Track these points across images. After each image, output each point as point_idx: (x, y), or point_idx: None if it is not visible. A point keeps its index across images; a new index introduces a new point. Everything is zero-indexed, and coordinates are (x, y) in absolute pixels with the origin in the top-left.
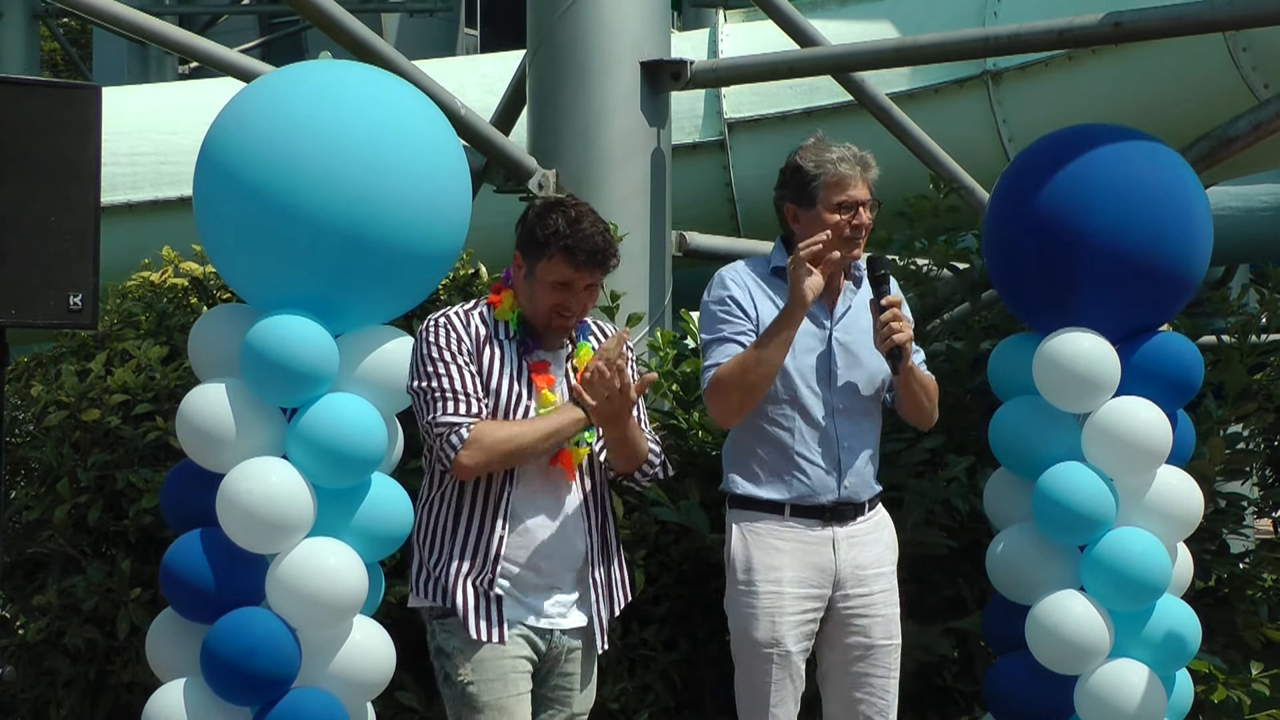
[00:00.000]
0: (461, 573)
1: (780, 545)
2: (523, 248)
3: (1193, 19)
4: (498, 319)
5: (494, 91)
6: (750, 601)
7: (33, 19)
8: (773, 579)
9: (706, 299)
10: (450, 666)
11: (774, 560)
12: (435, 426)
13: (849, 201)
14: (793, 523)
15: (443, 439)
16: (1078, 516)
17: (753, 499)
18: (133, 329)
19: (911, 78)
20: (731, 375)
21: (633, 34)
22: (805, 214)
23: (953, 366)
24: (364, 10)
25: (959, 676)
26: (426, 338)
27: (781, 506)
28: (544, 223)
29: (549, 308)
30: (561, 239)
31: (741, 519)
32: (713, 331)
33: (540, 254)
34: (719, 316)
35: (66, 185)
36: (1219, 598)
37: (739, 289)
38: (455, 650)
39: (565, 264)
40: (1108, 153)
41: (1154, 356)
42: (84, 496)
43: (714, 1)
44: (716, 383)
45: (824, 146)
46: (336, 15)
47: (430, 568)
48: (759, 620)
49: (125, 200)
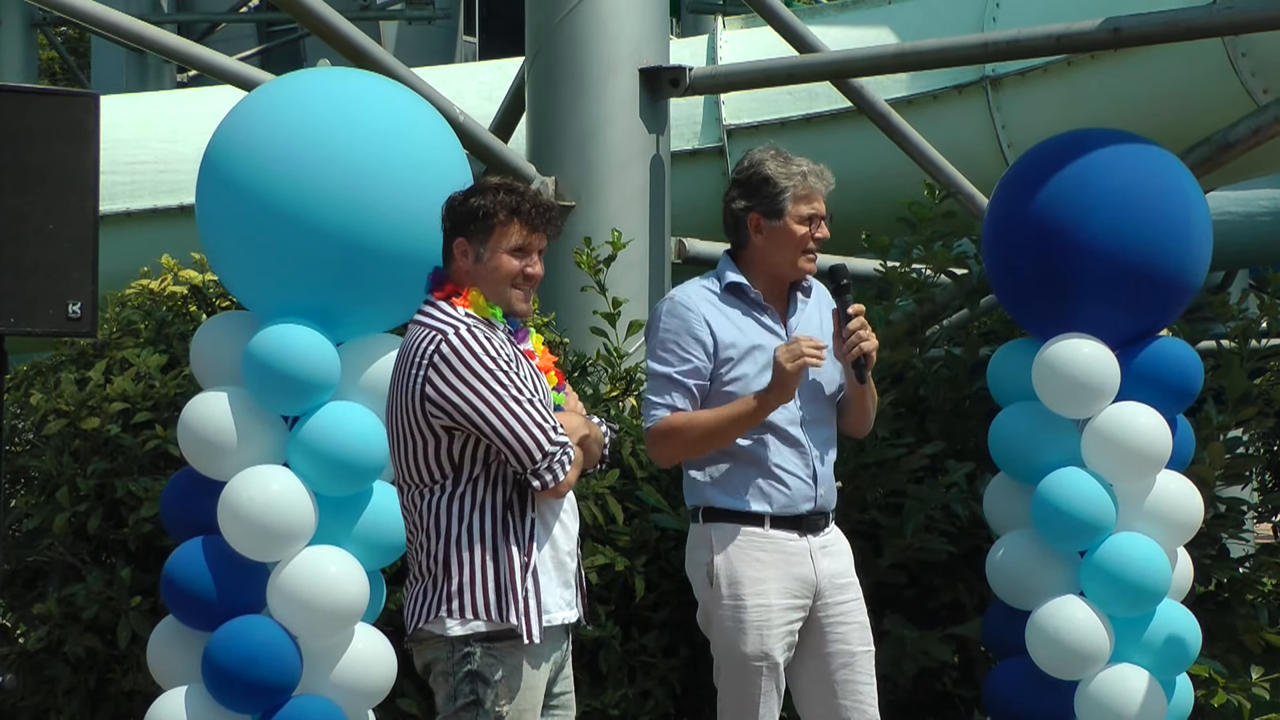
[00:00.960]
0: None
1: (763, 558)
2: (464, 232)
3: (1191, 24)
4: (484, 317)
5: (493, 99)
6: (738, 616)
7: (31, 27)
8: (759, 591)
9: (660, 323)
10: (489, 695)
11: (759, 573)
12: (548, 445)
13: (815, 214)
14: (773, 534)
15: (553, 458)
16: (1077, 522)
17: (732, 512)
18: (132, 337)
19: (910, 83)
20: (685, 434)
21: (631, 41)
22: (771, 225)
23: (951, 372)
24: (363, 18)
25: (959, 682)
26: (474, 349)
27: (762, 519)
28: (484, 199)
29: (511, 281)
30: (509, 205)
31: (720, 533)
32: (662, 363)
33: (490, 229)
34: (671, 350)
35: (65, 193)
36: (1219, 602)
37: (694, 316)
38: (498, 679)
39: (521, 227)
40: (1106, 157)
41: (1153, 362)
42: (84, 505)
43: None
44: (667, 432)
45: (789, 158)
46: (335, 23)
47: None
48: (747, 634)
49: (124, 209)
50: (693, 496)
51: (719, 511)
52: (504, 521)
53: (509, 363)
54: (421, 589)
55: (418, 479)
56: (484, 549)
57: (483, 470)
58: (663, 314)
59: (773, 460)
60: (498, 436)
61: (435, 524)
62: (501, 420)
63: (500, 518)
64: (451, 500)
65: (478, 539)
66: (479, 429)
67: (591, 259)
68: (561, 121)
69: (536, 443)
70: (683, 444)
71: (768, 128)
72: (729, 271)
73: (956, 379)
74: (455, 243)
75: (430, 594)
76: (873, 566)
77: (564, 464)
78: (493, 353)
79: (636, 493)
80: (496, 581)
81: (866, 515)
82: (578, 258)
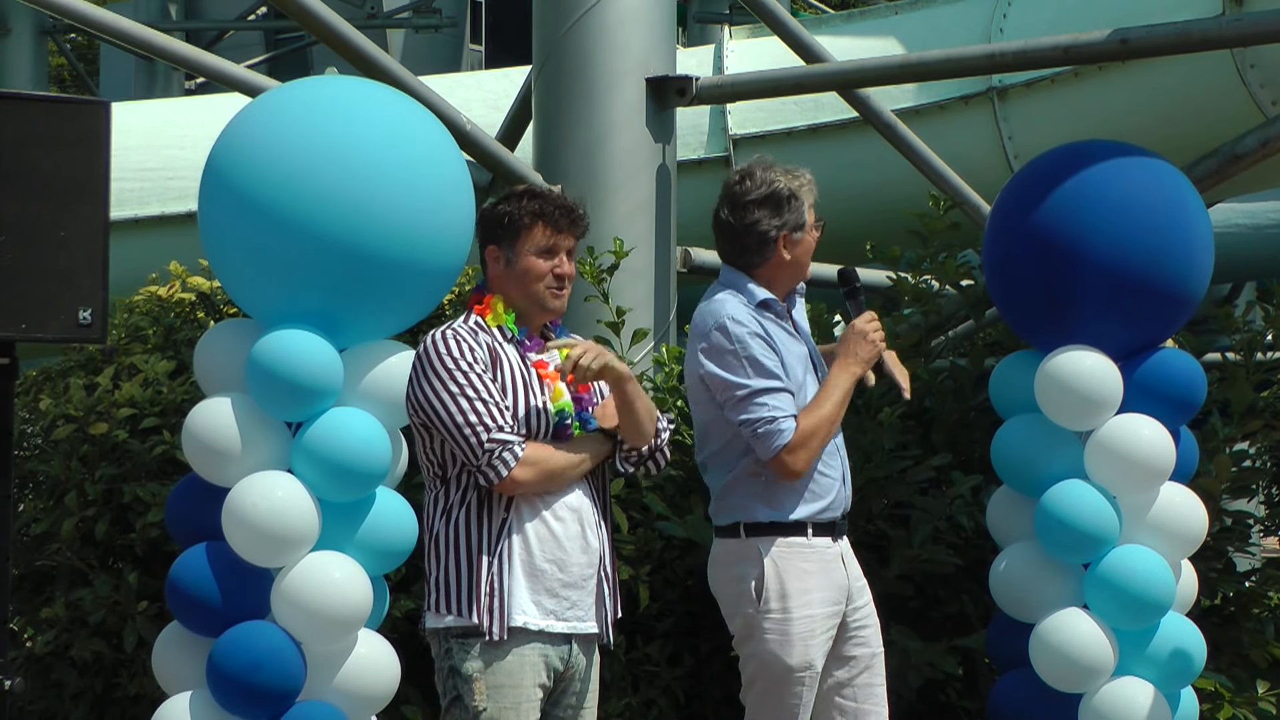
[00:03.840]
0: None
1: (808, 568)
2: (494, 239)
3: (1200, 36)
4: (492, 325)
5: (499, 108)
6: (784, 628)
7: (40, 35)
8: (805, 603)
9: (732, 342)
10: (466, 691)
11: (805, 584)
12: (486, 442)
13: (818, 221)
14: (815, 542)
15: (493, 455)
16: (1081, 534)
17: (777, 524)
18: (140, 343)
19: (917, 94)
20: (823, 428)
21: (638, 50)
22: (795, 239)
23: (957, 384)
24: (370, 26)
25: (963, 694)
26: (440, 350)
27: (804, 527)
28: (509, 205)
29: (541, 280)
30: (532, 209)
31: (767, 546)
32: (767, 376)
33: (516, 234)
34: (760, 359)
35: (75, 200)
36: (1225, 616)
37: (762, 331)
38: (474, 674)
39: (545, 228)
40: (1107, 169)
41: (1156, 373)
42: (91, 510)
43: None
44: (806, 439)
45: (788, 170)
46: (342, 31)
47: (448, 581)
48: (793, 645)
49: (133, 215)
50: (732, 513)
51: (764, 525)
52: (477, 519)
53: (474, 365)
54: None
55: (425, 475)
56: (454, 545)
57: (462, 468)
58: (733, 333)
59: (818, 466)
60: (447, 432)
61: (428, 521)
62: (450, 416)
63: (474, 517)
64: (438, 498)
65: (450, 535)
66: (436, 425)
67: (594, 268)
68: (568, 130)
69: (478, 439)
70: (819, 443)
71: (774, 138)
72: (751, 286)
73: (962, 390)
74: (486, 250)
75: (427, 588)
76: (879, 577)
77: (505, 461)
78: (456, 353)
79: (642, 501)
80: (458, 576)
81: (873, 526)
82: (580, 267)
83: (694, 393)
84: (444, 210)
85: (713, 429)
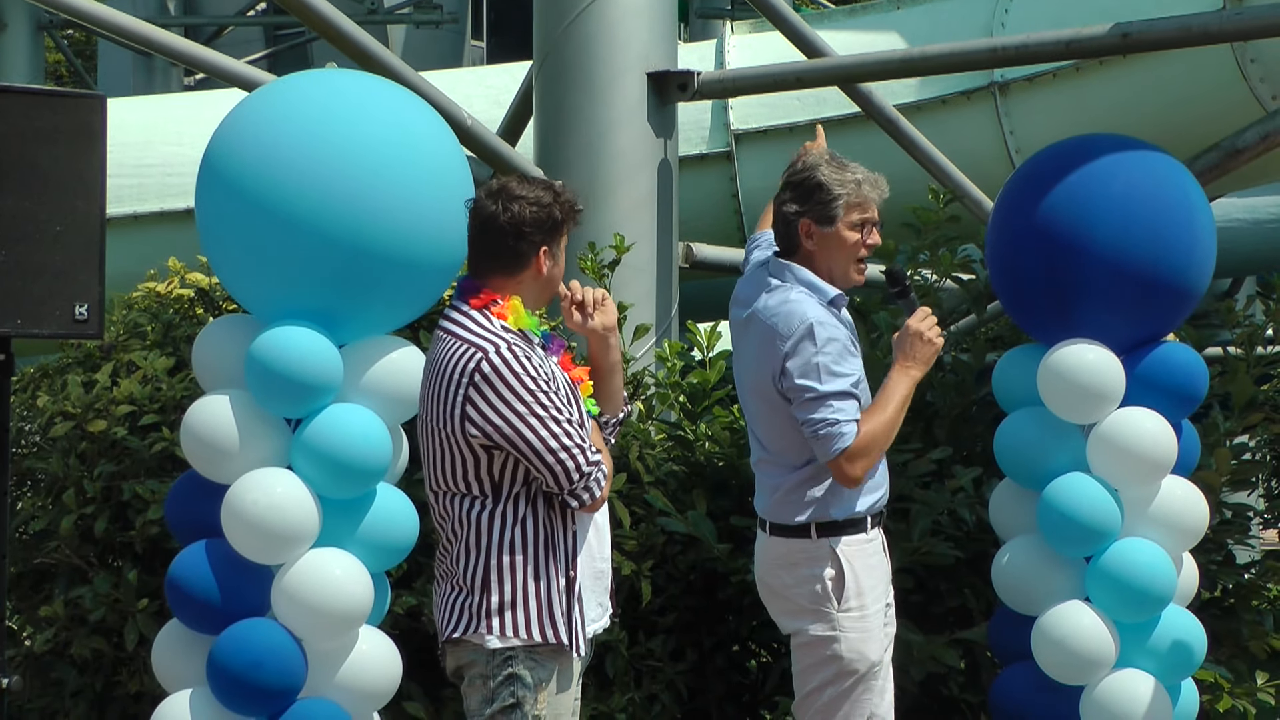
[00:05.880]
0: (565, 589)
1: (874, 562)
2: (548, 240)
3: (1200, 30)
4: (514, 327)
5: (500, 103)
6: (864, 625)
7: (37, 30)
8: (877, 596)
9: (809, 346)
10: (529, 699)
11: (874, 579)
12: (585, 466)
13: (868, 221)
14: (873, 534)
15: (589, 478)
16: (1083, 527)
17: (846, 522)
18: (139, 340)
19: (919, 89)
20: (883, 436)
21: (639, 45)
22: (823, 231)
23: (959, 378)
24: (370, 21)
25: (965, 687)
26: (517, 370)
27: (866, 520)
28: (554, 203)
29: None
30: (565, 206)
31: (840, 545)
32: (828, 382)
33: (560, 234)
34: (833, 366)
35: (72, 196)
36: (1225, 608)
37: (843, 334)
38: (540, 681)
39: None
40: (1110, 163)
41: (1158, 367)
42: (90, 507)
43: (721, 12)
44: (869, 443)
45: (844, 164)
46: (343, 26)
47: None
48: (874, 639)
49: (131, 211)
50: (800, 513)
51: (836, 524)
52: (548, 538)
53: (548, 382)
54: (459, 599)
55: (455, 488)
56: (526, 567)
57: (523, 488)
58: (817, 335)
59: None
60: (537, 458)
61: (475, 538)
62: (542, 442)
63: (543, 535)
64: (493, 517)
65: (520, 557)
66: (518, 450)
67: (595, 264)
68: (569, 125)
69: (576, 464)
70: (879, 451)
71: (776, 133)
72: (822, 284)
73: (964, 384)
74: (541, 250)
75: (468, 606)
76: None
77: (599, 482)
78: (533, 373)
79: (644, 496)
80: (538, 601)
81: None
82: (581, 263)
83: (763, 389)
84: (443, 205)
85: (786, 427)
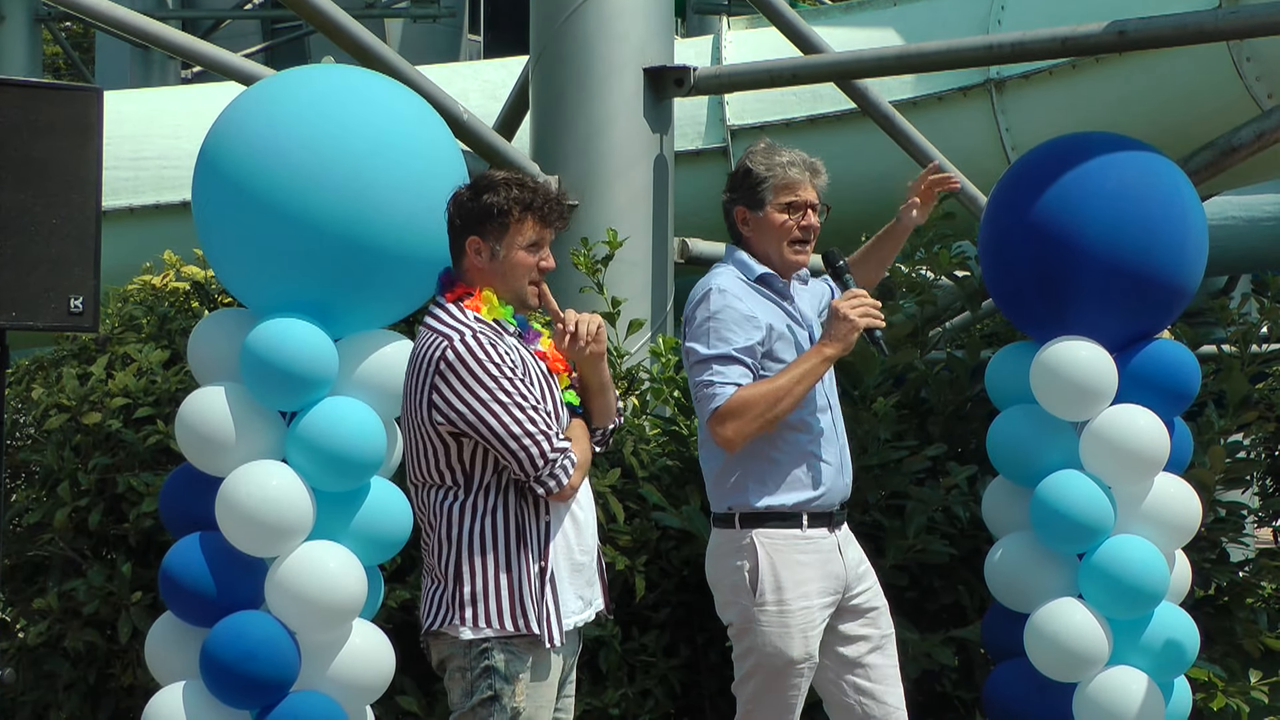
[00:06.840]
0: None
1: (803, 559)
2: (478, 230)
3: (1196, 28)
4: (487, 318)
5: (497, 97)
6: (784, 620)
7: (35, 22)
8: (803, 594)
9: (703, 311)
10: (506, 691)
11: (801, 575)
12: (549, 453)
13: (798, 203)
14: (810, 534)
15: (554, 465)
16: (1075, 525)
17: (771, 514)
18: (134, 332)
19: (915, 85)
20: (761, 402)
21: (636, 40)
22: (754, 216)
23: (953, 375)
24: (368, 16)
25: (959, 684)
26: (480, 357)
27: (799, 518)
28: (495, 195)
29: (527, 275)
30: (522, 200)
31: (761, 537)
32: (715, 346)
33: (506, 226)
34: (722, 330)
35: (68, 188)
36: (1218, 606)
37: (743, 304)
38: (516, 674)
39: (534, 222)
40: (1102, 161)
41: (1151, 364)
42: (85, 500)
43: (717, 8)
44: (741, 405)
45: (774, 150)
46: (340, 20)
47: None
48: (793, 638)
49: (127, 204)
50: (726, 500)
51: (758, 515)
52: (518, 528)
53: (514, 369)
54: (436, 590)
55: (430, 479)
56: (496, 558)
57: (494, 477)
58: (712, 301)
59: (808, 448)
60: (500, 444)
61: (447, 529)
62: (504, 427)
63: (514, 524)
64: (464, 508)
65: (490, 547)
66: (482, 436)
67: (589, 259)
68: (566, 120)
69: (540, 450)
70: (755, 417)
71: (772, 128)
72: (751, 262)
73: (958, 381)
74: (468, 241)
75: (443, 598)
76: (875, 568)
77: (565, 469)
78: (496, 359)
79: (638, 491)
80: (510, 591)
81: (868, 517)
82: (574, 258)
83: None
84: (438, 199)
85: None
